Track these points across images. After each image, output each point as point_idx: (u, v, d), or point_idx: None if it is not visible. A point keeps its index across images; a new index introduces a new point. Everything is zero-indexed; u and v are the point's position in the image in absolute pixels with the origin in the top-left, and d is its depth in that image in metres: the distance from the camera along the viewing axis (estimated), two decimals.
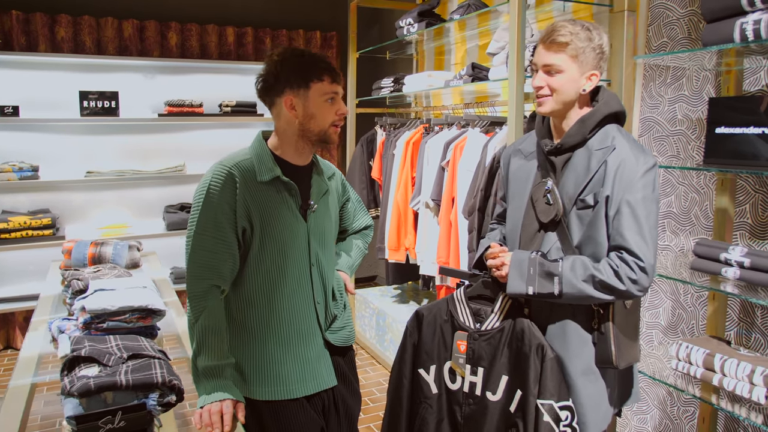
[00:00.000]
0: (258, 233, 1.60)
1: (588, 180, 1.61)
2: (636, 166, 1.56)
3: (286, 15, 5.05)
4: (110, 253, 2.76)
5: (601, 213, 1.59)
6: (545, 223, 1.69)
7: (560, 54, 1.62)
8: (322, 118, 1.62)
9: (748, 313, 2.25)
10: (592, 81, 1.65)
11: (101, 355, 1.56)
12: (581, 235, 1.63)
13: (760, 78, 2.17)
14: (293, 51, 1.62)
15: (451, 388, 1.79)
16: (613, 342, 1.60)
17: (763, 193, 2.18)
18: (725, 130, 1.97)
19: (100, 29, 4.33)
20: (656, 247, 1.58)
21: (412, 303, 4.11)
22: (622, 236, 1.55)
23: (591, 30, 1.62)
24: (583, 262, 1.58)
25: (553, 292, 1.59)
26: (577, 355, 1.65)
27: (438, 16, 3.67)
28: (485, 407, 1.71)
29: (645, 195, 1.55)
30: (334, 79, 1.62)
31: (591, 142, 1.65)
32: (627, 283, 1.53)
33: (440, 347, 1.81)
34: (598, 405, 1.66)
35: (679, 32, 2.45)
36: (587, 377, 1.65)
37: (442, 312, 1.82)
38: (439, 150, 3.31)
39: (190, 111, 4.49)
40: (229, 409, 1.47)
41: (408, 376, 1.84)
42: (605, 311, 1.63)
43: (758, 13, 1.75)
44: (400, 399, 1.85)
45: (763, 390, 1.80)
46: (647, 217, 1.55)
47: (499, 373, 1.69)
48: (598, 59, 1.64)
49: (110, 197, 4.58)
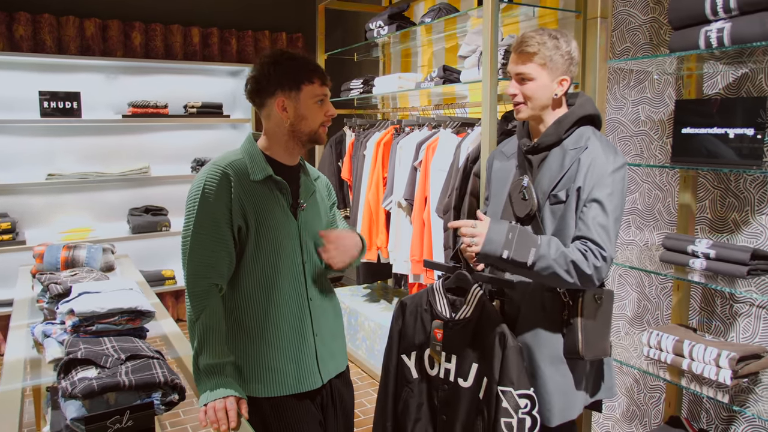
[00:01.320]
0: (253, 231, 1.63)
1: (561, 176, 1.72)
2: (606, 164, 1.66)
3: (252, 16, 5.03)
4: (84, 257, 2.71)
5: (571, 208, 1.69)
6: (521, 218, 1.79)
7: (529, 63, 1.73)
8: (313, 119, 1.67)
9: (708, 303, 2.40)
10: (563, 86, 1.75)
11: (98, 357, 1.55)
12: (553, 229, 1.73)
13: (717, 82, 2.32)
14: (285, 54, 1.66)
15: (430, 373, 1.89)
16: (581, 333, 1.69)
17: (721, 190, 2.33)
18: (690, 130, 2.11)
19: (60, 28, 4.23)
20: (616, 241, 1.68)
21: (383, 302, 4.17)
22: (588, 227, 1.64)
23: (558, 38, 1.72)
24: (557, 242, 1.66)
25: (526, 261, 1.63)
26: (546, 345, 1.74)
27: (408, 19, 3.74)
28: (458, 393, 1.81)
29: (612, 191, 1.65)
30: (323, 81, 1.67)
31: (566, 141, 1.76)
32: (591, 269, 1.61)
33: (420, 335, 1.91)
34: (564, 393, 1.74)
35: (642, 38, 2.59)
36: (555, 366, 1.73)
37: (423, 301, 1.91)
38: (411, 150, 3.38)
39: (154, 112, 4.44)
40: (233, 406, 1.50)
41: (394, 361, 1.95)
42: (575, 304, 1.72)
43: (721, 21, 1.88)
44: (386, 383, 1.96)
45: (729, 372, 1.93)
46: (613, 212, 1.65)
47: (470, 361, 1.78)
48: (567, 64, 1.74)
49: (72, 200, 4.48)
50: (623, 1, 2.65)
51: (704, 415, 2.42)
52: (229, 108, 4.92)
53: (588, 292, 1.70)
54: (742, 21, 1.82)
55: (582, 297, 1.70)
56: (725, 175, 2.31)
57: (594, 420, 2.84)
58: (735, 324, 2.30)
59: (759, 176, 2.20)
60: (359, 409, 3.34)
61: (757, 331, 2.22)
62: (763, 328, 2.21)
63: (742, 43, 1.82)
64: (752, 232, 2.23)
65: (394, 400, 1.95)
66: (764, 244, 2.19)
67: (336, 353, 1.82)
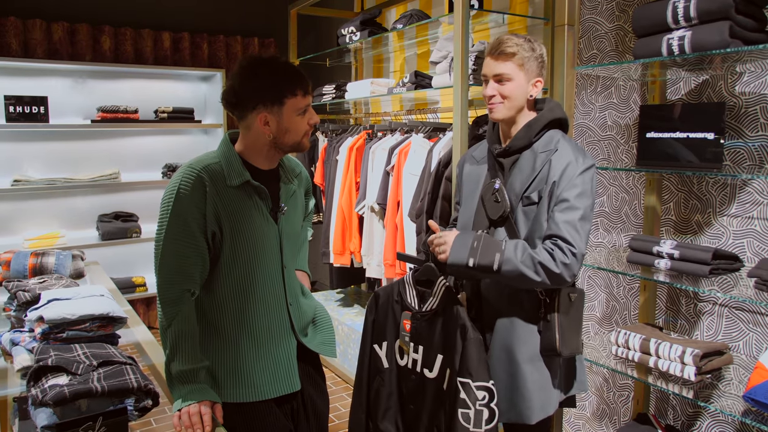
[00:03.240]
0: (228, 237, 1.61)
1: (533, 178, 1.76)
2: (575, 166, 1.72)
3: (224, 21, 5.02)
4: (53, 263, 2.66)
5: (543, 209, 1.73)
6: (494, 220, 1.83)
7: (508, 63, 1.78)
8: (296, 131, 1.64)
9: (674, 302, 2.47)
10: (537, 87, 1.82)
11: (69, 363, 1.53)
12: (527, 230, 1.77)
13: (680, 88, 2.40)
14: (264, 64, 1.60)
15: (400, 363, 1.94)
16: (558, 330, 1.73)
17: (685, 192, 2.41)
18: (654, 134, 2.17)
19: (27, 31, 4.15)
20: (587, 239, 1.73)
21: (356, 306, 4.18)
22: (558, 226, 1.69)
23: (532, 42, 1.81)
24: (523, 244, 1.71)
25: (492, 266, 1.69)
26: (524, 342, 1.77)
27: (380, 25, 3.78)
28: (424, 383, 1.86)
29: (582, 191, 1.70)
30: (306, 90, 1.62)
31: (536, 144, 1.81)
32: (560, 266, 1.65)
33: (391, 325, 1.96)
34: (543, 389, 1.78)
35: (608, 45, 2.66)
36: (533, 364, 1.77)
37: (394, 293, 1.96)
38: (383, 155, 3.40)
39: (124, 117, 4.39)
40: (207, 410, 1.49)
41: (367, 351, 2.00)
42: (551, 301, 1.76)
43: (682, 30, 1.94)
44: (361, 373, 2.01)
45: (693, 368, 1.99)
46: (582, 210, 1.70)
47: (435, 352, 1.83)
48: (540, 67, 1.82)
49: (39, 207, 4.39)
50: (590, 9, 2.72)
51: (671, 411, 2.49)
52: (200, 113, 4.88)
53: (563, 290, 1.74)
54: (702, 30, 1.88)
55: (558, 295, 1.74)
56: (688, 178, 2.38)
57: (565, 419, 2.89)
58: (699, 322, 2.37)
59: (720, 179, 2.27)
60: (334, 413, 3.35)
61: (720, 328, 2.30)
62: (725, 326, 2.28)
63: (702, 51, 1.88)
64: (714, 233, 2.31)
65: (368, 390, 1.99)
66: (726, 244, 2.27)
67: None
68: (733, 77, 2.22)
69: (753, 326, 2.19)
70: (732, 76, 2.22)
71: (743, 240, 2.22)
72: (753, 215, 2.19)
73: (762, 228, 2.17)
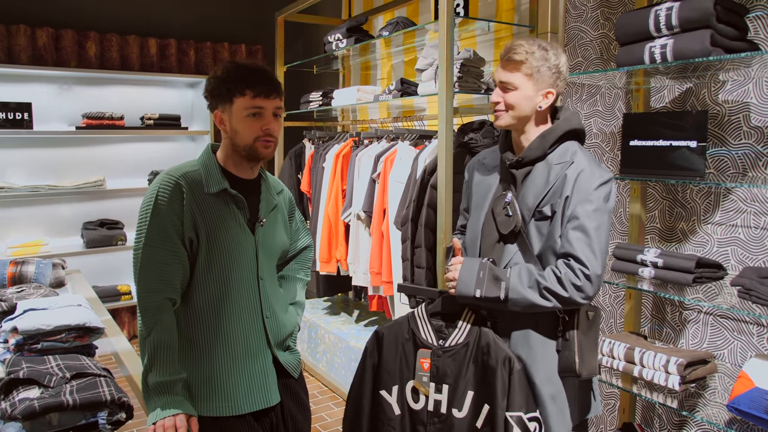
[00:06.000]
0: (204, 245, 1.60)
1: (546, 192, 1.66)
2: (591, 179, 1.62)
3: (211, 28, 4.99)
4: (32, 272, 2.62)
5: (557, 224, 1.64)
6: (505, 235, 1.72)
7: (515, 72, 1.68)
8: (245, 133, 1.61)
9: (659, 310, 2.46)
10: (548, 99, 1.70)
11: (41, 376, 1.50)
12: (541, 246, 1.67)
13: (664, 96, 2.40)
14: (228, 65, 1.62)
15: (414, 408, 1.77)
16: (577, 350, 1.63)
17: (669, 200, 2.40)
18: (638, 142, 2.17)
19: (11, 37, 4.11)
20: (605, 258, 1.62)
21: (343, 314, 4.15)
22: (571, 244, 1.59)
23: (548, 50, 1.68)
24: (529, 269, 1.63)
25: (499, 296, 1.63)
26: (542, 362, 1.68)
27: (366, 32, 3.77)
28: (451, 424, 1.70)
29: (597, 207, 1.60)
30: (258, 93, 1.58)
31: (551, 156, 1.71)
32: (570, 289, 1.56)
33: (402, 367, 1.79)
34: (562, 411, 1.69)
35: (593, 52, 2.66)
36: (551, 385, 1.68)
37: (404, 330, 1.80)
38: (369, 163, 3.39)
39: (110, 124, 4.35)
40: (183, 423, 1.46)
41: (368, 398, 1.82)
42: (570, 318, 1.66)
43: (664, 38, 1.94)
44: (360, 424, 1.82)
45: (677, 378, 1.98)
46: (597, 229, 1.59)
47: (464, 389, 1.70)
48: (554, 78, 1.69)
49: (23, 214, 4.34)
50: (575, 17, 2.73)
51: (657, 420, 2.48)
52: (187, 120, 4.85)
53: (582, 309, 1.65)
54: (683, 38, 1.89)
55: (578, 313, 1.66)
56: (673, 186, 2.38)
57: None
58: (684, 330, 2.36)
59: (704, 186, 2.27)
60: (319, 423, 3.31)
61: (705, 336, 2.29)
62: (710, 334, 2.27)
63: (684, 59, 1.88)
64: (699, 240, 2.30)
65: None
66: (711, 252, 2.26)
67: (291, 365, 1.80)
68: (716, 85, 2.22)
69: (738, 334, 2.19)
70: (715, 84, 2.22)
71: (727, 248, 2.22)
72: (737, 223, 2.19)
73: (746, 236, 2.16)
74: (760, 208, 2.13)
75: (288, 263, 1.97)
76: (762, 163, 2.10)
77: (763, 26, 2.09)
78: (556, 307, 1.61)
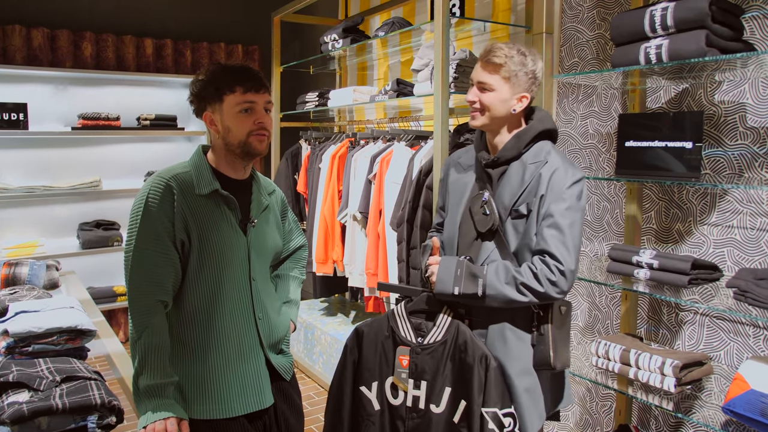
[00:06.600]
0: (196, 246, 1.59)
1: (522, 191, 1.72)
2: (565, 178, 1.69)
3: (207, 28, 4.98)
4: (26, 274, 2.61)
5: (533, 222, 1.70)
6: (482, 233, 1.78)
7: (494, 74, 1.74)
8: (238, 129, 1.61)
9: (655, 311, 2.45)
10: (522, 102, 1.76)
11: (31, 379, 1.49)
12: (518, 243, 1.73)
13: (660, 96, 2.39)
14: (212, 67, 1.63)
15: (393, 403, 1.81)
16: (551, 344, 1.70)
17: (666, 201, 2.39)
18: (633, 143, 2.16)
19: (5, 37, 4.09)
20: (578, 254, 1.69)
21: (340, 315, 4.14)
22: (546, 241, 1.66)
23: (526, 55, 1.74)
24: (506, 266, 1.68)
25: (476, 292, 1.68)
26: (517, 356, 1.73)
27: (362, 33, 3.76)
28: (429, 420, 1.74)
29: (570, 205, 1.67)
30: (248, 88, 1.59)
31: (526, 156, 1.77)
32: (546, 284, 1.63)
33: (382, 363, 1.83)
34: (536, 404, 1.74)
35: (589, 53, 2.65)
36: (526, 378, 1.73)
37: (383, 328, 1.83)
38: (365, 163, 3.38)
39: (106, 124, 4.33)
40: (173, 427, 1.44)
41: (349, 394, 1.85)
42: (545, 314, 1.72)
43: (660, 38, 1.93)
44: (341, 418, 1.85)
45: (673, 380, 1.97)
46: (571, 226, 1.66)
47: (442, 386, 1.73)
48: (530, 83, 1.75)
49: (18, 215, 4.32)
50: (571, 17, 2.72)
51: (653, 422, 2.47)
52: (183, 120, 4.84)
53: (555, 303, 1.71)
54: (678, 38, 1.87)
55: (551, 308, 1.72)
56: (669, 187, 2.37)
57: (548, 430, 2.86)
58: (681, 332, 2.35)
59: (700, 188, 2.26)
60: (315, 424, 3.30)
61: (701, 338, 2.28)
62: (707, 335, 2.26)
63: (679, 59, 1.87)
64: (695, 242, 2.29)
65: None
66: (707, 253, 2.26)
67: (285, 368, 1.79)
68: (712, 86, 2.21)
69: (734, 336, 2.18)
70: (711, 84, 2.21)
71: (723, 249, 2.21)
72: (733, 224, 2.18)
73: (742, 237, 2.15)
74: (756, 209, 2.12)
75: (282, 263, 1.97)
76: (758, 164, 2.09)
77: (758, 26, 2.08)
78: (532, 302, 1.66)
